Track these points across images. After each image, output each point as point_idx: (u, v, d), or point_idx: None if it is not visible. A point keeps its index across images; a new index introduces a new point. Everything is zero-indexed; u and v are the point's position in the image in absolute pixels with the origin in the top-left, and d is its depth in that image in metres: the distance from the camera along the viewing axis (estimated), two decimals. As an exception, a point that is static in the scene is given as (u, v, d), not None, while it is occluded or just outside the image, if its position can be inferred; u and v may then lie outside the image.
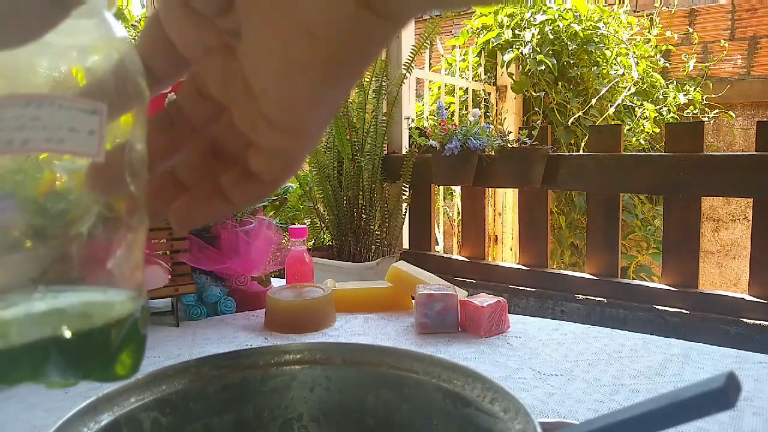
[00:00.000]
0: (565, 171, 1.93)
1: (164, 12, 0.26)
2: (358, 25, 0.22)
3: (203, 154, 0.29)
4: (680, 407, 0.24)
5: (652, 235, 2.69)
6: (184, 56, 0.27)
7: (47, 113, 0.22)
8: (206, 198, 0.28)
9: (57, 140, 0.22)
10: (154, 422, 0.34)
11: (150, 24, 0.27)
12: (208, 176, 0.28)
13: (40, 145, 0.22)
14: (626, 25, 3.00)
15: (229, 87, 0.27)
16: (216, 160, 0.28)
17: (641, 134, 2.74)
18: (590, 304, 1.85)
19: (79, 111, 0.23)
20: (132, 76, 0.25)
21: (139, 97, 0.25)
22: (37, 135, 0.22)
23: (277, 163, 0.27)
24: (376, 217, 2.18)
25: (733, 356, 0.76)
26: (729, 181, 1.64)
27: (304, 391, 0.39)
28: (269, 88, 0.24)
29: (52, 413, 0.64)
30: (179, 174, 0.29)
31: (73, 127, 0.22)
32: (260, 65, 0.24)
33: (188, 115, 0.28)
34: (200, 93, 0.28)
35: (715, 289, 1.81)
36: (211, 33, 0.25)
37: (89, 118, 0.23)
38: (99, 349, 0.24)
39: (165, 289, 0.94)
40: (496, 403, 0.32)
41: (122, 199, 0.25)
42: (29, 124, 0.22)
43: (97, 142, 0.23)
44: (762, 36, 3.06)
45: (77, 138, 0.22)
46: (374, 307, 1.02)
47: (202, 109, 0.28)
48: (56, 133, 0.22)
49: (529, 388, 0.69)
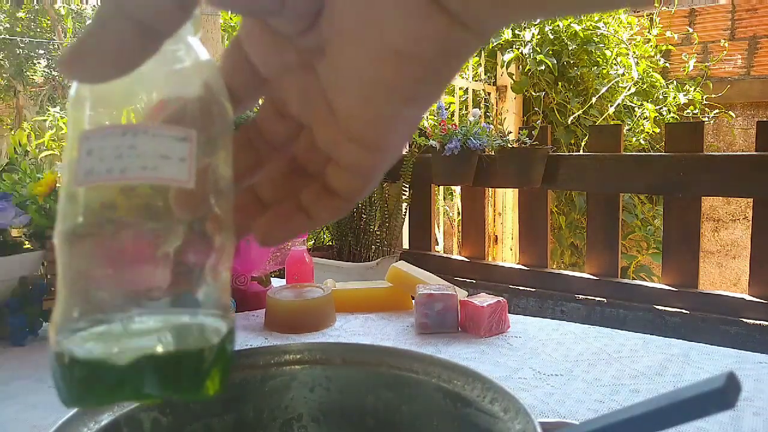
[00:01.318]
0: (565, 171, 1.93)
1: (244, 33, 0.26)
2: (447, 43, 0.22)
3: (283, 172, 0.29)
4: (680, 407, 0.24)
5: (652, 235, 2.69)
6: (264, 76, 0.27)
7: (142, 142, 0.23)
8: (288, 215, 0.28)
9: (151, 168, 0.23)
10: (154, 422, 0.34)
11: (231, 46, 0.27)
12: (289, 193, 0.29)
13: (136, 173, 0.23)
14: (626, 25, 3.00)
15: (308, 105, 0.27)
16: (296, 177, 0.29)
17: (641, 134, 2.74)
18: (590, 304, 1.85)
19: (170, 139, 0.24)
20: (217, 98, 0.26)
21: (225, 118, 0.26)
22: (134, 163, 0.23)
23: (357, 179, 0.27)
24: (376, 217, 2.18)
25: (733, 356, 0.76)
26: (729, 181, 1.64)
27: (304, 391, 0.39)
28: (352, 106, 0.24)
29: (52, 413, 0.64)
30: (260, 192, 0.29)
31: (165, 155, 0.23)
32: (343, 83, 0.24)
33: (268, 136, 0.29)
34: (279, 112, 0.28)
35: (715, 289, 1.81)
36: (291, 52, 0.25)
37: (180, 146, 0.24)
38: (192, 370, 0.25)
39: (165, 289, 0.94)
40: (496, 403, 0.32)
41: (207, 220, 0.25)
42: (126, 153, 0.23)
43: (188, 169, 0.24)
44: (762, 36, 3.06)
45: (169, 165, 0.23)
46: (374, 307, 1.02)
47: (282, 128, 0.28)
48: (150, 162, 0.23)
49: (529, 388, 0.69)
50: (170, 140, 0.24)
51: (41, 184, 0.96)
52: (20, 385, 0.73)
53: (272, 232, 0.28)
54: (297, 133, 0.28)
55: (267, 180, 0.29)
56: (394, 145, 0.26)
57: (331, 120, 0.26)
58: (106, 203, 0.25)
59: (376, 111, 0.24)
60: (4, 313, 0.89)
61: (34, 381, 0.74)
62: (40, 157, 3.64)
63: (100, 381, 0.23)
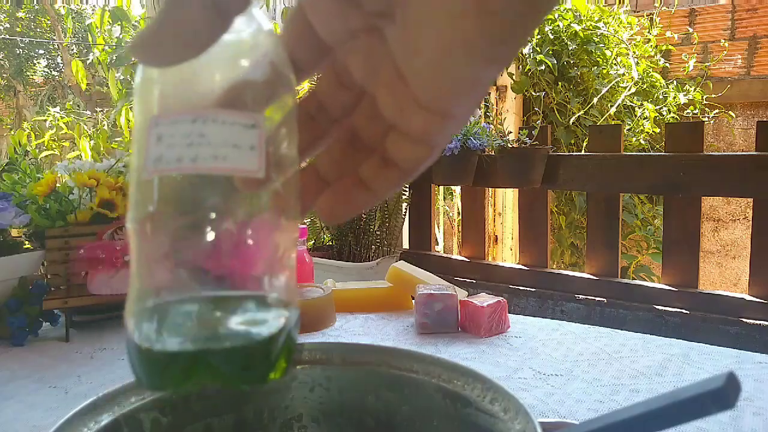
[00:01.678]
0: (565, 171, 1.93)
1: (308, 1, 0.26)
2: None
3: (343, 146, 0.29)
4: (680, 407, 0.24)
5: (652, 235, 2.69)
6: (327, 44, 0.26)
7: (211, 130, 0.23)
8: (349, 191, 0.28)
9: (222, 157, 0.23)
10: (154, 422, 0.34)
11: (293, 15, 0.26)
12: (348, 168, 0.28)
13: (207, 162, 0.23)
14: (626, 25, 3.00)
15: (374, 72, 0.26)
16: (355, 151, 0.28)
17: (641, 134, 2.74)
18: (590, 304, 1.85)
19: (240, 126, 0.23)
20: (282, 73, 0.25)
21: (290, 94, 0.26)
22: (204, 153, 0.23)
23: (421, 148, 0.26)
24: (376, 217, 2.18)
25: (733, 356, 0.76)
26: (729, 181, 1.64)
27: (304, 391, 0.39)
28: (426, 69, 0.23)
29: (52, 413, 0.64)
30: (320, 168, 0.29)
31: (236, 144, 0.23)
32: (418, 45, 0.23)
33: (328, 106, 0.28)
34: (341, 81, 0.27)
35: (715, 289, 1.81)
36: (358, 16, 0.25)
37: (250, 133, 0.23)
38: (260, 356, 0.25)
39: (165, 289, 0.94)
40: (496, 403, 0.32)
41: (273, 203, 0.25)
42: (197, 141, 0.23)
43: (258, 158, 0.23)
44: (762, 36, 3.06)
45: (240, 155, 0.23)
46: (374, 307, 1.02)
47: (343, 98, 0.28)
48: (221, 150, 0.23)
49: (529, 388, 0.69)
50: (240, 128, 0.23)
51: (41, 184, 0.96)
52: (20, 385, 0.73)
53: (335, 208, 0.28)
54: (358, 103, 0.28)
55: (327, 156, 0.29)
56: (465, 111, 0.25)
57: (399, 86, 0.25)
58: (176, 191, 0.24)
59: (454, 74, 0.23)
60: (4, 313, 0.89)
61: (34, 381, 0.74)
62: (40, 157, 3.64)
63: (172, 365, 0.24)
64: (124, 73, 3.61)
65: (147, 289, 0.24)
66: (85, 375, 0.76)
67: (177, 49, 0.22)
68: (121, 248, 0.91)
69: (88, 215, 0.95)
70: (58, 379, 0.75)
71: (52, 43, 5.11)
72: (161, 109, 0.24)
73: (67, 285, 0.92)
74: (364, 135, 0.28)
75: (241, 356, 0.24)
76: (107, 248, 0.91)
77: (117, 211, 0.96)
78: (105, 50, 3.76)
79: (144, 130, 0.24)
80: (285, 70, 0.25)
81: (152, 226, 0.24)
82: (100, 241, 0.92)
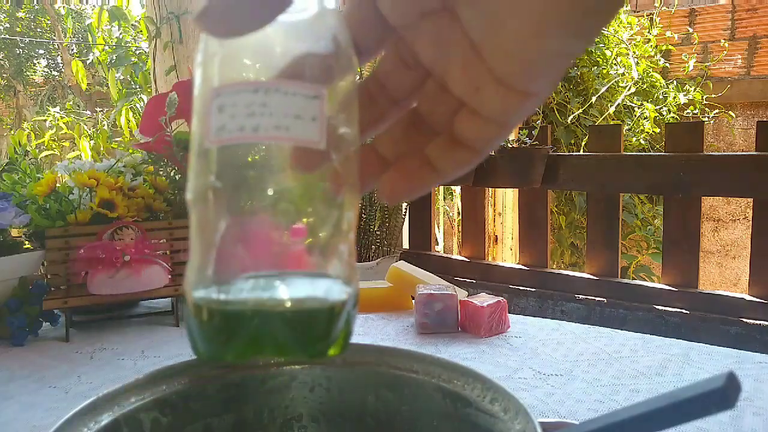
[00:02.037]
0: (565, 171, 1.93)
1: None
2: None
3: (404, 127, 0.28)
4: (680, 407, 0.24)
5: (652, 235, 2.69)
6: (392, 27, 0.26)
7: (274, 100, 0.23)
8: (414, 170, 0.28)
9: (284, 128, 0.23)
10: (154, 422, 0.34)
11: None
12: (409, 149, 0.28)
13: (269, 132, 0.23)
14: (626, 25, 3.00)
15: (444, 51, 0.26)
16: (417, 131, 0.28)
17: (641, 134, 2.74)
18: (590, 304, 1.85)
19: (302, 97, 0.23)
20: (345, 51, 0.25)
21: (351, 72, 0.26)
22: (266, 123, 0.23)
23: (492, 127, 0.26)
24: (376, 217, 2.18)
25: (733, 356, 0.76)
26: (729, 181, 1.64)
27: (304, 391, 0.39)
28: (509, 44, 0.23)
29: (52, 413, 0.64)
30: (380, 148, 0.29)
31: (298, 114, 0.23)
32: (504, 20, 0.23)
33: (390, 88, 0.28)
34: (405, 63, 0.27)
35: (715, 289, 1.81)
36: None
37: (312, 104, 0.23)
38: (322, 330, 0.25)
39: (165, 289, 0.94)
40: (496, 403, 0.32)
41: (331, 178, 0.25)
42: (258, 111, 0.23)
43: (319, 129, 0.23)
44: (762, 36, 3.06)
45: (301, 125, 0.23)
46: (374, 307, 1.02)
47: (406, 79, 0.27)
48: (283, 121, 0.23)
49: (529, 388, 0.69)
50: (302, 99, 0.23)
51: (41, 184, 0.96)
52: (20, 385, 0.73)
53: (398, 188, 0.28)
54: (421, 84, 0.27)
55: (387, 136, 0.29)
56: (545, 88, 0.24)
57: (474, 64, 0.24)
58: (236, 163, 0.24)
59: (541, 47, 0.22)
60: (4, 313, 0.89)
61: (34, 381, 0.74)
62: (40, 157, 3.64)
63: (232, 337, 0.24)
64: (124, 73, 3.61)
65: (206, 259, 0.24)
66: (85, 375, 0.76)
67: (241, 21, 0.22)
68: (121, 248, 0.91)
69: (88, 215, 0.95)
70: (58, 379, 0.75)
71: (52, 43, 5.11)
72: (223, 79, 0.24)
73: (67, 285, 0.92)
74: (427, 116, 0.28)
75: (303, 328, 0.24)
76: (107, 248, 0.91)
77: (117, 211, 0.96)
78: (105, 50, 3.76)
79: (205, 101, 0.24)
80: (348, 48, 0.25)
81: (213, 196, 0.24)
82: (100, 241, 0.92)
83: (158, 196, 1.05)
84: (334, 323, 0.25)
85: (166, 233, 0.98)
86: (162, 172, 1.11)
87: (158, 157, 1.10)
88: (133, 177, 1.07)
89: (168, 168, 1.12)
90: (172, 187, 1.09)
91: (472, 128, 0.26)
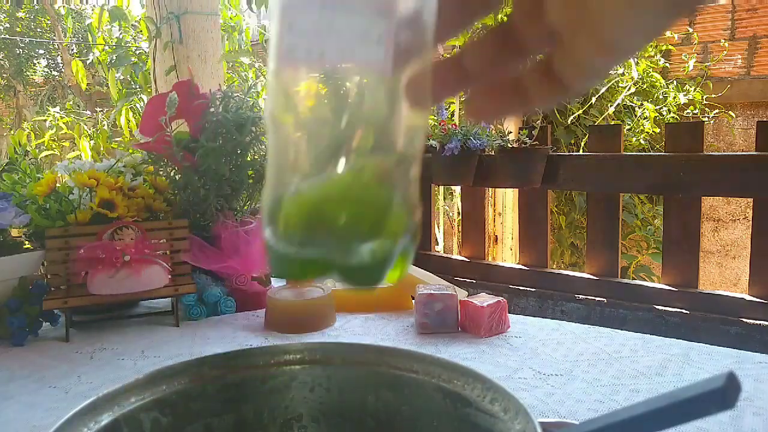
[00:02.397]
0: (565, 171, 1.93)
1: None
2: None
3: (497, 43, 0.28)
4: (680, 407, 0.24)
5: (652, 235, 2.69)
6: None
7: (340, 18, 0.22)
8: (504, 92, 0.28)
9: (349, 51, 0.22)
10: (154, 422, 0.34)
11: None
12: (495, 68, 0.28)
13: (334, 56, 0.22)
14: (626, 25, 2.99)
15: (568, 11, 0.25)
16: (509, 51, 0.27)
17: (641, 134, 2.74)
18: (590, 304, 1.85)
19: (369, 14, 0.23)
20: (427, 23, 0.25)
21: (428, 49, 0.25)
22: (331, 45, 0.22)
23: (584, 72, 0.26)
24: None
25: (733, 356, 0.76)
26: (729, 181, 1.64)
27: (304, 391, 0.39)
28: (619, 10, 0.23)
29: (52, 413, 0.64)
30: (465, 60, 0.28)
31: (363, 35, 0.22)
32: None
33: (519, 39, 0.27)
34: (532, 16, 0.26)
35: (715, 289, 1.81)
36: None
37: (378, 22, 0.23)
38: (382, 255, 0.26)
39: (165, 289, 0.94)
40: (496, 403, 0.32)
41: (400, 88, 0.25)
42: (325, 30, 0.22)
43: (384, 53, 0.23)
44: (762, 36, 3.06)
45: (366, 48, 0.22)
46: (374, 307, 1.02)
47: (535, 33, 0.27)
48: (348, 44, 0.22)
49: (529, 388, 0.69)
50: (368, 16, 0.22)
51: (41, 184, 0.96)
52: (20, 385, 0.73)
53: (485, 106, 0.28)
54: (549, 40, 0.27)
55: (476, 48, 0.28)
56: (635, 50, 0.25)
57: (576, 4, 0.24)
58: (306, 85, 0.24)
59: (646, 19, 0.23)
60: (4, 313, 0.89)
61: (34, 381, 0.74)
62: (40, 157, 3.64)
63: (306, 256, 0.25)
64: (124, 73, 3.61)
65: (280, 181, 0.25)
66: (85, 375, 0.76)
67: None
68: (121, 248, 0.91)
69: (88, 215, 0.95)
70: (58, 379, 0.75)
71: (52, 43, 5.11)
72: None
73: (67, 285, 0.92)
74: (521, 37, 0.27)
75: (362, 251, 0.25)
76: (107, 248, 0.91)
77: (117, 211, 0.96)
78: (105, 50, 3.76)
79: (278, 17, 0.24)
80: None
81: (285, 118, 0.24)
82: (100, 241, 0.92)
83: (158, 196, 1.06)
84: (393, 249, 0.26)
85: (166, 233, 0.98)
86: (162, 172, 1.11)
87: (158, 157, 1.10)
88: (133, 177, 1.07)
89: (168, 168, 1.12)
90: (172, 187, 1.09)
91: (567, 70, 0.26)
